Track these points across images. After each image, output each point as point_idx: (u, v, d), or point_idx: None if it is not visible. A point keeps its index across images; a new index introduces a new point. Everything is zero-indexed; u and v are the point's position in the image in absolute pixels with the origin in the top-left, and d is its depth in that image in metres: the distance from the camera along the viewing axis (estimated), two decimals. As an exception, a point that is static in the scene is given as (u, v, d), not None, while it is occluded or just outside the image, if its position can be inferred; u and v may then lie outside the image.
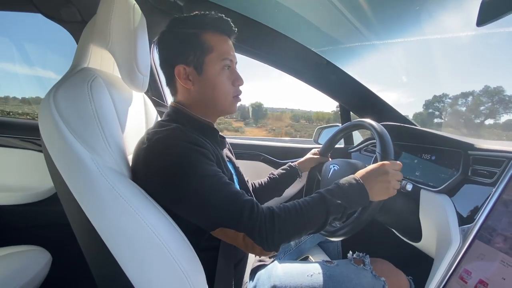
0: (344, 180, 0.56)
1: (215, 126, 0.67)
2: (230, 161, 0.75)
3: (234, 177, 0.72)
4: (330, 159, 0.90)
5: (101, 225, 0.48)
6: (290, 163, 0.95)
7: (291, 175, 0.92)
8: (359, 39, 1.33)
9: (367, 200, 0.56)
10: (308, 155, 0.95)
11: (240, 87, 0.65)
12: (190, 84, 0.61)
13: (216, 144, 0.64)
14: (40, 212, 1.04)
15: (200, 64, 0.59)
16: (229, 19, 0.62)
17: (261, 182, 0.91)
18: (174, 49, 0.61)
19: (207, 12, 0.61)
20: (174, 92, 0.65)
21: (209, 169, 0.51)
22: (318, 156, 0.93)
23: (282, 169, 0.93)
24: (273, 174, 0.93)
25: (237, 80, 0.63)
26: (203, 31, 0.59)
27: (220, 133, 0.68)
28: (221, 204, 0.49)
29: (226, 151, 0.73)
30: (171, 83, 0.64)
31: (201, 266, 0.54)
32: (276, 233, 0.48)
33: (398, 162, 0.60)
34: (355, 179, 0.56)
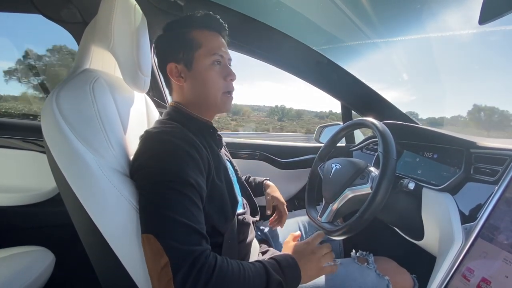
0: (282, 257, 0.54)
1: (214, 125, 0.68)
2: (229, 160, 0.76)
3: (233, 176, 0.72)
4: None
5: (104, 225, 0.48)
6: (266, 181, 0.93)
7: (258, 190, 0.91)
8: (360, 37, 1.33)
9: (299, 281, 0.53)
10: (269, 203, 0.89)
11: (234, 84, 0.65)
12: (182, 81, 0.62)
13: (214, 144, 0.65)
14: (43, 213, 1.05)
15: (189, 61, 0.61)
16: (217, 15, 0.64)
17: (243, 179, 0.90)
18: (166, 49, 0.63)
19: (196, 12, 0.63)
20: (170, 92, 0.67)
21: (191, 179, 0.48)
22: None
23: (256, 180, 0.94)
24: (249, 178, 0.94)
25: (228, 75, 0.63)
26: (192, 29, 0.62)
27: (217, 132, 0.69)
28: (174, 222, 0.44)
29: (223, 150, 0.74)
30: (167, 82, 0.66)
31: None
32: None
33: (327, 244, 0.60)
34: (292, 258, 0.55)
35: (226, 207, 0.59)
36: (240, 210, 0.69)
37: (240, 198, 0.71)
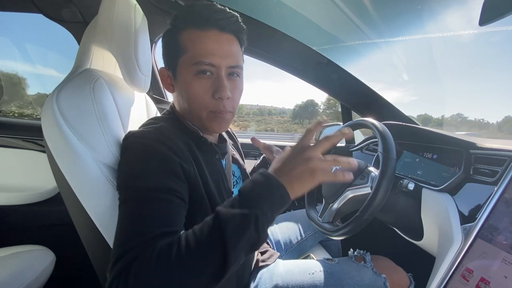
0: (246, 182, 0.39)
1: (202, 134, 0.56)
2: (236, 162, 0.70)
3: (238, 184, 0.69)
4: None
5: (104, 224, 0.49)
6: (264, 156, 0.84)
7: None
8: (360, 37, 1.33)
9: (286, 196, 0.37)
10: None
11: (227, 100, 0.51)
12: (172, 89, 0.55)
13: (207, 150, 0.56)
14: (44, 212, 1.05)
15: (174, 68, 0.52)
16: (212, 1, 0.54)
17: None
18: (162, 51, 0.56)
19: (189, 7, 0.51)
20: None
21: (158, 184, 0.41)
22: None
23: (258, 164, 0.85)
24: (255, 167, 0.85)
25: (216, 92, 0.49)
26: (180, 29, 0.50)
27: (222, 134, 0.65)
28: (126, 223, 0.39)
29: (232, 153, 0.68)
30: None
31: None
32: None
33: (322, 141, 0.41)
34: (261, 173, 0.39)
35: None
36: None
37: None
